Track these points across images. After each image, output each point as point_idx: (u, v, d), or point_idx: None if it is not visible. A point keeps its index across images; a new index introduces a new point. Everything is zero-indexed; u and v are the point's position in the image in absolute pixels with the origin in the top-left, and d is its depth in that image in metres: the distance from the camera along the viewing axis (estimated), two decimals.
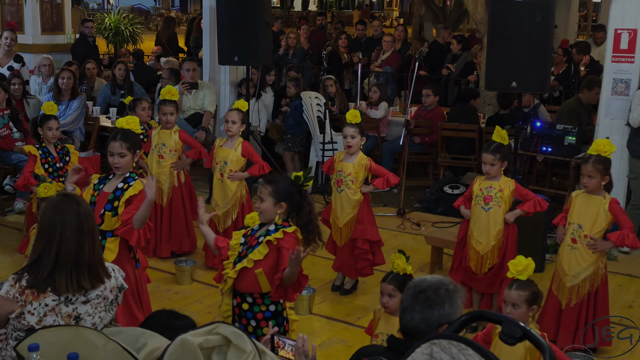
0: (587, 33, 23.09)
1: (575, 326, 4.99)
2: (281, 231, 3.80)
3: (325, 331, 5.35)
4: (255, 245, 3.82)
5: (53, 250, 2.86)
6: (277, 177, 4.03)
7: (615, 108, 6.89)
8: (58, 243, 2.86)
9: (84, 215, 2.93)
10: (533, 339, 2.25)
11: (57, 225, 2.87)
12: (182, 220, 6.59)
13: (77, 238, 2.88)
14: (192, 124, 8.73)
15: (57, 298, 2.86)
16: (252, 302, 3.87)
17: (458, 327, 2.36)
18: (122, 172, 4.52)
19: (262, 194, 3.87)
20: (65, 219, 2.88)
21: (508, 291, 3.89)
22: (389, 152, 9.02)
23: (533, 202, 5.21)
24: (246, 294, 3.87)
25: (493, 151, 5.18)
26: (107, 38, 14.40)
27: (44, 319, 2.85)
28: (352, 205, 5.81)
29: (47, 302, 2.86)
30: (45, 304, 2.85)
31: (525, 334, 2.28)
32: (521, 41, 6.35)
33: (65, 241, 2.87)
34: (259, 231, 3.91)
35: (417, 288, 2.65)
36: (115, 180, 4.54)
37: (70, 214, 2.89)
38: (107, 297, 2.99)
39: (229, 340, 2.22)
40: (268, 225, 3.88)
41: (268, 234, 3.82)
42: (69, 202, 2.94)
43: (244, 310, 3.89)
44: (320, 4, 44.65)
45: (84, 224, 2.91)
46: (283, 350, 2.87)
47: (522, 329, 2.28)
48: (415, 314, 2.60)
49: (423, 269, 6.55)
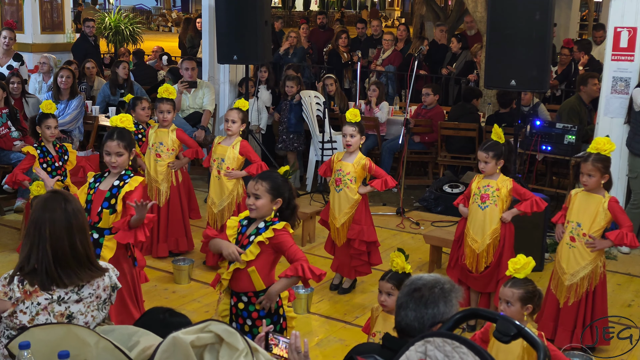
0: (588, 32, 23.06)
1: (573, 325, 4.97)
2: (271, 229, 3.79)
3: (323, 330, 5.34)
4: (246, 245, 3.81)
5: (47, 249, 2.84)
6: (269, 173, 4.01)
7: (615, 106, 6.86)
8: (49, 241, 2.84)
9: (73, 212, 2.91)
10: (527, 337, 2.23)
11: (46, 223, 2.85)
12: (180, 219, 6.58)
13: (67, 235, 2.86)
14: (192, 123, 8.72)
15: (49, 297, 2.84)
16: (247, 301, 3.87)
17: (452, 325, 2.35)
18: (118, 171, 4.52)
19: (259, 191, 3.84)
20: (54, 216, 2.86)
21: (503, 288, 3.91)
22: (388, 151, 9.00)
23: (530, 201, 5.19)
24: (241, 294, 3.87)
25: (487, 149, 5.18)
26: (107, 37, 14.39)
27: (37, 318, 2.83)
28: (350, 204, 5.79)
29: (40, 300, 2.84)
30: (37, 302, 2.83)
31: (519, 331, 2.26)
32: (520, 39, 6.34)
33: (57, 239, 2.85)
34: (249, 229, 3.89)
35: (413, 286, 2.63)
36: (111, 178, 4.53)
37: (58, 211, 2.87)
38: (99, 296, 2.97)
39: (221, 338, 2.21)
40: (257, 223, 3.87)
41: (258, 233, 3.81)
42: (57, 199, 2.92)
43: (240, 309, 3.89)
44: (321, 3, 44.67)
45: (72, 221, 2.89)
46: (277, 348, 2.87)
47: (516, 326, 2.27)
48: (410, 312, 2.58)
49: (422, 268, 6.54)
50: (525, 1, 6.30)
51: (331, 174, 5.94)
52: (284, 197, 3.88)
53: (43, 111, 6.31)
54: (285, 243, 3.80)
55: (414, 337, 2.55)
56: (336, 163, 5.86)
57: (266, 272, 3.84)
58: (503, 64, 6.46)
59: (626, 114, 6.77)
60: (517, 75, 6.41)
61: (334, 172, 5.87)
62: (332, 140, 8.57)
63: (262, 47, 7.97)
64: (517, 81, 6.44)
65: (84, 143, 8.88)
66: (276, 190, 3.86)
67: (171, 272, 6.20)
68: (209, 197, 6.32)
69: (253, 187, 3.87)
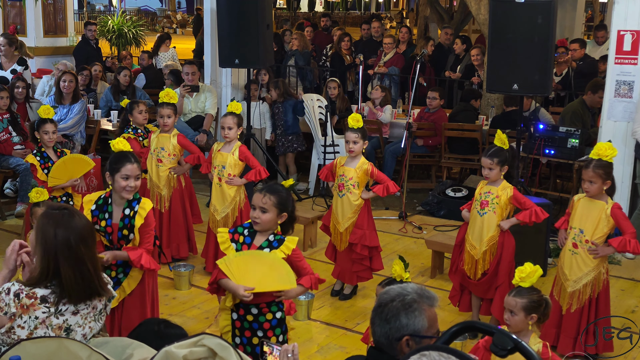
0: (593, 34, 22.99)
1: (576, 332, 4.92)
2: (286, 246, 3.81)
3: (323, 337, 5.30)
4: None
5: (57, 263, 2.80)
6: (275, 186, 3.96)
7: (618, 110, 6.82)
8: (63, 258, 2.80)
9: (82, 228, 2.88)
10: (524, 351, 2.21)
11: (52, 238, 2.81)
12: (182, 225, 6.54)
13: (77, 251, 2.82)
14: (194, 126, 8.71)
15: (47, 310, 2.79)
16: (257, 312, 3.82)
17: (449, 339, 2.32)
18: (131, 196, 4.30)
19: (266, 205, 3.79)
20: (58, 231, 2.82)
21: (507, 297, 3.89)
22: (391, 154, 8.97)
23: (530, 211, 5.12)
24: (251, 306, 3.81)
25: (491, 155, 5.13)
26: (110, 40, 14.39)
27: (35, 332, 2.77)
28: (353, 209, 5.77)
29: (38, 314, 2.78)
30: (35, 316, 2.78)
31: (516, 345, 2.24)
32: (522, 43, 6.30)
33: (68, 256, 2.81)
34: (256, 240, 3.86)
35: (379, 301, 2.63)
36: (118, 208, 4.30)
37: (69, 228, 2.84)
38: (96, 307, 2.93)
39: (214, 352, 2.20)
40: (265, 235, 3.85)
41: (271, 246, 3.80)
42: (66, 215, 2.88)
43: (249, 322, 3.84)
44: (326, 5, 44.68)
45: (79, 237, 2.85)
46: (271, 356, 2.89)
47: (513, 340, 2.25)
48: (377, 328, 2.57)
49: (424, 273, 6.50)
50: (527, 5, 6.27)
51: (332, 178, 5.91)
52: (289, 211, 3.88)
53: (41, 116, 6.29)
54: (299, 257, 3.88)
55: (387, 352, 2.55)
56: (339, 168, 5.84)
57: None
58: (505, 67, 6.42)
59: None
60: (519, 79, 6.38)
61: (337, 177, 5.85)
62: (334, 144, 8.55)
63: (264, 51, 7.95)
64: (519, 85, 6.41)
65: (85, 147, 8.88)
66: (283, 205, 3.84)
67: (171, 278, 6.18)
68: (211, 204, 6.29)
69: (260, 201, 3.80)
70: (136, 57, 12.76)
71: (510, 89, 6.48)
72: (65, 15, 11.45)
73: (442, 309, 5.48)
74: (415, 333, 2.51)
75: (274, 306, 3.83)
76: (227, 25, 7.99)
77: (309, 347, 5.11)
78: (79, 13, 32.39)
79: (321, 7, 45.19)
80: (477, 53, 9.95)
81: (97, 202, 4.31)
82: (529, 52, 6.30)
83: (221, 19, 8.10)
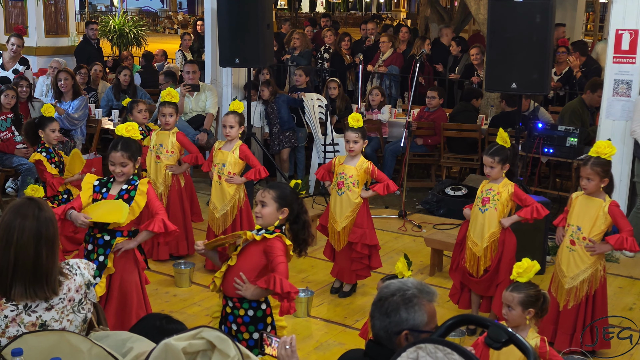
0: (593, 34, 22.99)
1: (572, 328, 4.96)
2: (262, 235, 3.83)
3: (322, 334, 5.34)
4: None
5: (11, 255, 2.71)
6: (278, 183, 4.05)
7: (616, 109, 6.85)
8: (15, 248, 2.71)
9: (45, 221, 2.78)
10: (518, 343, 2.24)
11: (16, 228, 2.72)
12: (181, 222, 6.55)
13: (34, 244, 2.73)
14: (194, 126, 8.74)
15: (15, 308, 2.71)
16: (232, 305, 3.91)
17: (444, 332, 2.35)
18: (124, 179, 4.59)
19: (265, 199, 3.87)
20: (25, 223, 2.74)
21: (505, 292, 3.92)
22: (391, 153, 9.00)
23: (531, 208, 5.14)
24: (228, 298, 3.92)
25: (492, 154, 5.16)
26: (111, 40, 14.43)
27: (7, 331, 2.70)
28: (351, 208, 5.80)
29: (6, 313, 2.70)
30: (4, 315, 2.70)
31: (510, 338, 2.27)
32: (521, 42, 6.32)
33: (22, 246, 2.72)
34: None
35: (379, 294, 2.64)
36: (117, 185, 4.60)
37: (30, 218, 2.75)
38: (72, 299, 2.82)
39: (213, 345, 2.22)
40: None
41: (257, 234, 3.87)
42: (30, 206, 2.79)
43: (227, 313, 3.95)
44: (327, 5, 44.66)
45: (42, 230, 2.76)
46: (269, 348, 2.91)
47: (507, 333, 2.28)
48: (376, 321, 2.59)
49: (423, 271, 6.53)
50: (526, 4, 6.30)
51: (330, 178, 5.94)
52: (292, 208, 3.90)
53: (44, 115, 6.34)
54: (275, 251, 3.77)
55: (386, 345, 2.57)
56: (338, 166, 5.87)
57: (252, 277, 3.82)
58: (504, 67, 6.45)
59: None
60: (518, 78, 6.40)
61: (336, 175, 5.87)
62: (334, 143, 8.58)
63: (264, 50, 7.98)
64: (518, 84, 6.44)
65: (86, 146, 8.90)
66: (283, 199, 3.88)
67: (172, 275, 6.21)
68: (211, 202, 6.32)
69: (260, 195, 3.90)
70: (137, 57, 12.81)
71: (508, 87, 6.51)
72: (66, 16, 11.47)
73: (441, 306, 5.51)
74: (415, 328, 2.53)
75: (245, 303, 3.87)
76: (228, 24, 8.02)
77: (309, 343, 5.14)
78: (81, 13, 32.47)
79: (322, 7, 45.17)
80: (476, 52, 9.97)
81: (100, 179, 4.65)
82: (528, 52, 6.33)
83: (221, 18, 8.13)
